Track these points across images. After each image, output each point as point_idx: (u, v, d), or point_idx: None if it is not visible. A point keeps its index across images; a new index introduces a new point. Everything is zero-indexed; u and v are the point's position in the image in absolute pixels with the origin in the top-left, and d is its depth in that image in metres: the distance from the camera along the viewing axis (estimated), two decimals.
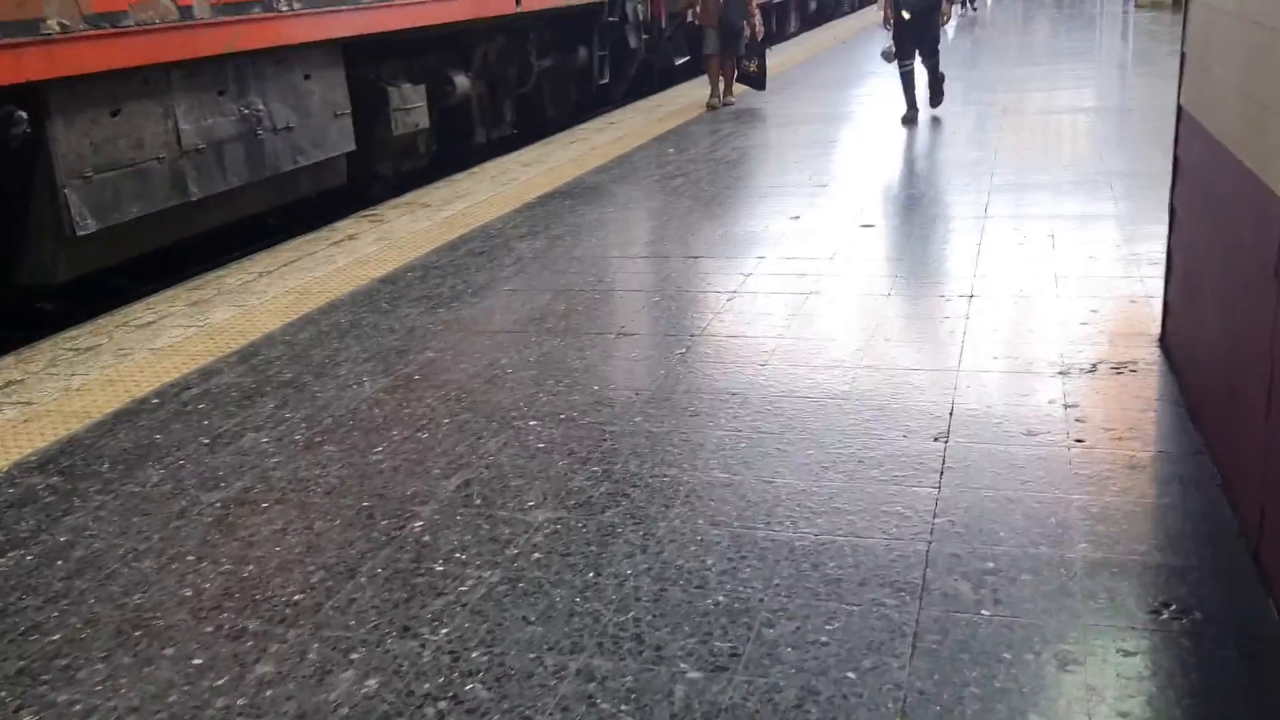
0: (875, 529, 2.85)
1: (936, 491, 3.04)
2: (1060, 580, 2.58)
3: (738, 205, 7.00)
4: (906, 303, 4.87)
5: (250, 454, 3.59)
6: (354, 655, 2.45)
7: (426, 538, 2.96)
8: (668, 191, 7.53)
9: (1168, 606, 2.44)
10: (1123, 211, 6.16)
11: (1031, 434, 3.38)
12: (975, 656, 2.31)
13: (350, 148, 7.60)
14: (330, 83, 7.36)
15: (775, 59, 12.51)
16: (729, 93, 11.47)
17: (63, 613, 2.70)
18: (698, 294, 5.13)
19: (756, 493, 3.10)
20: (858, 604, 2.52)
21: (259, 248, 6.80)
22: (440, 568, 2.80)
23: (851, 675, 2.27)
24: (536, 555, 2.82)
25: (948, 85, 9.93)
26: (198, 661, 2.47)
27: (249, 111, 6.63)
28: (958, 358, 4.08)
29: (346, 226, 6.94)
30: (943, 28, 9.79)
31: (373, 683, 2.35)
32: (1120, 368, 3.88)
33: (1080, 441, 3.30)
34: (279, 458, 3.55)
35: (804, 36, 20.12)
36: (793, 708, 2.18)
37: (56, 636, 2.60)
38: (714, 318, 4.74)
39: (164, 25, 5.98)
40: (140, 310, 5.33)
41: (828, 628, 2.44)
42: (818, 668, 2.30)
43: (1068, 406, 3.57)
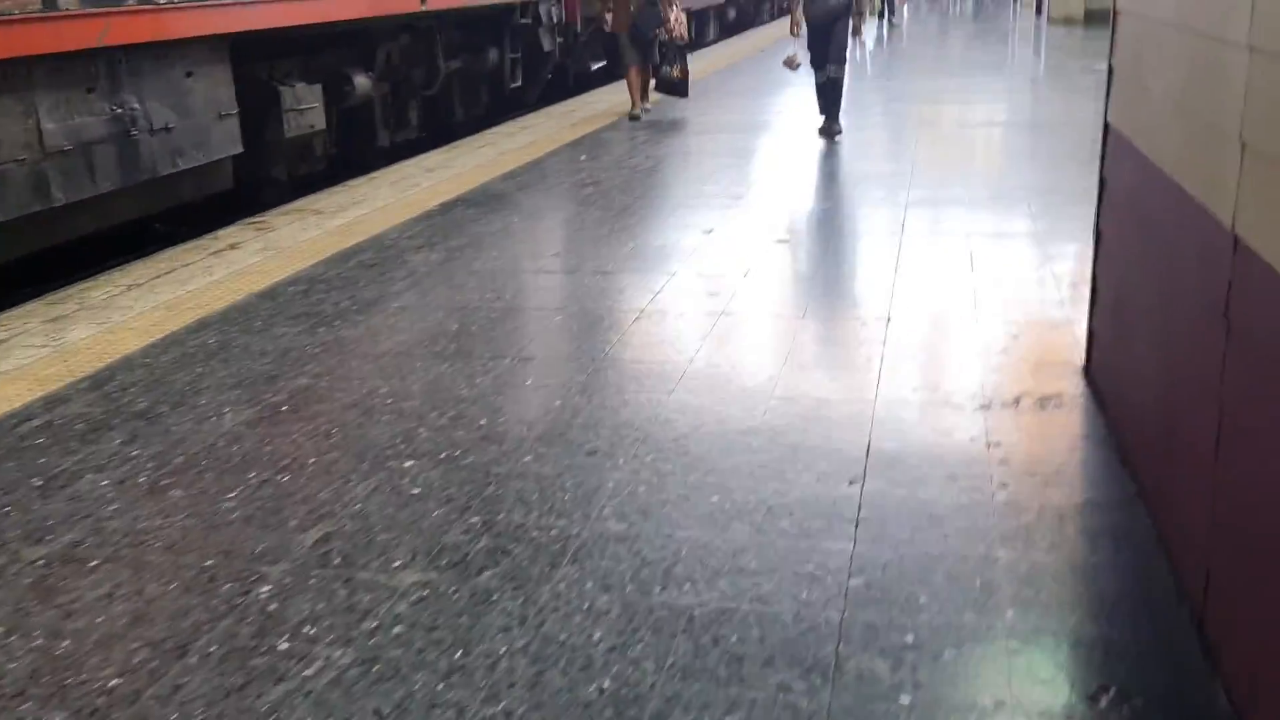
0: (784, 593, 2.55)
1: (851, 546, 2.75)
2: (988, 657, 2.30)
3: (650, 216, 6.69)
4: (821, 325, 4.60)
5: (86, 500, 3.17)
6: None
7: (273, 606, 2.57)
8: (578, 201, 7.20)
9: (1107, 691, 2.17)
10: (1041, 230, 5.98)
11: (953, 478, 3.10)
12: None
13: (237, 150, 7.11)
14: (215, 81, 6.87)
15: (694, 65, 12.25)
16: (646, 99, 11.17)
17: None
18: (603, 313, 4.80)
19: (654, 548, 2.78)
20: (761, 689, 2.20)
21: (135, 256, 6.32)
22: (285, 645, 2.42)
23: None
24: (398, 629, 2.46)
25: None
26: None
27: (122, 111, 6.13)
28: (874, 387, 3.81)
29: (230, 234, 6.47)
30: (857, 38, 9.59)
31: None
32: (1044, 401, 3.64)
33: (1005, 486, 3.04)
34: (118, 504, 3.13)
35: (722, 44, 19.94)
36: None
37: None
38: (619, 340, 4.41)
39: (24, 16, 5.48)
40: None
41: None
42: None
43: (990, 445, 3.31)
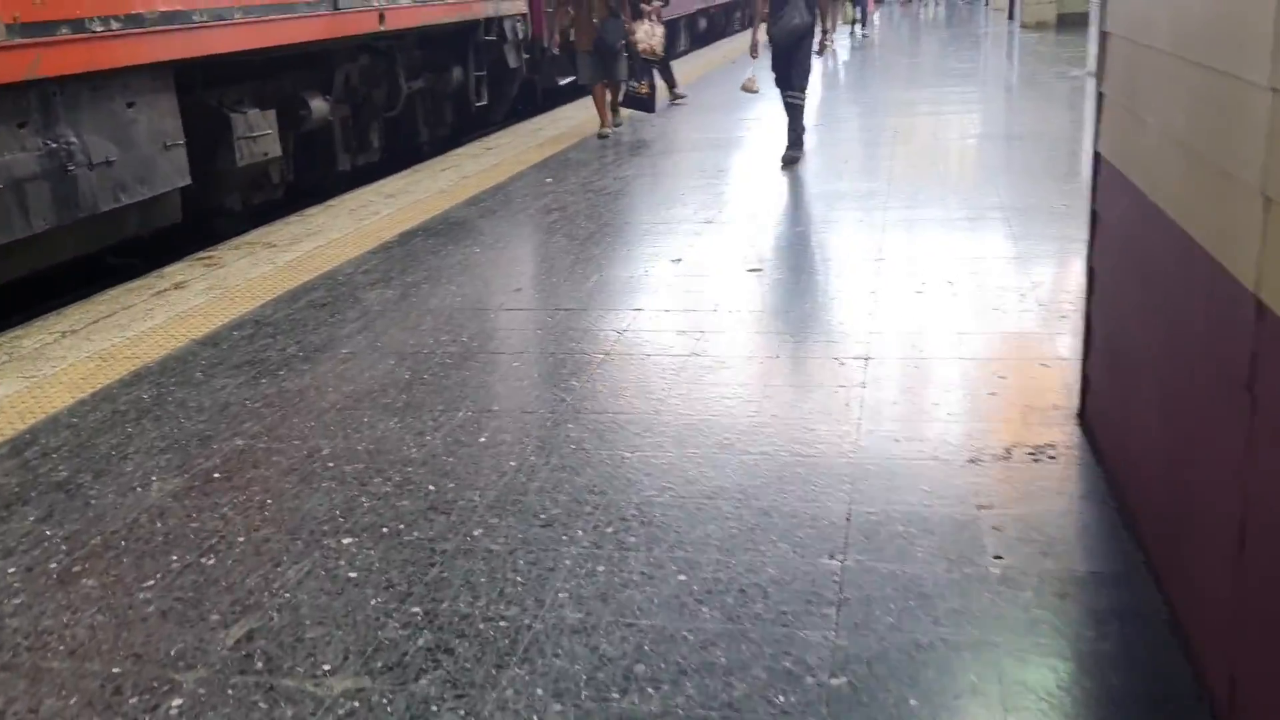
0: (757, 699, 2.27)
1: (833, 636, 2.48)
2: None
3: (616, 245, 6.41)
4: (796, 368, 4.33)
5: None
6: None
7: None
8: (542, 229, 6.92)
9: None
10: (1023, 252, 5.74)
11: (942, 549, 2.84)
12: None
13: (184, 182, 6.78)
14: (159, 111, 6.55)
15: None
16: (615, 116, 10.91)
17: None
18: (564, 356, 4.52)
19: (613, 642, 2.50)
20: None
21: (75, 298, 6.00)
22: None
23: None
24: None
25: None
26: None
27: (58, 145, 5.80)
28: (854, 440, 3.55)
29: (176, 272, 6.16)
30: (824, 54, 9.33)
31: None
32: (1037, 453, 3.38)
33: (999, 559, 2.78)
34: (22, 598, 2.83)
35: (693, 55, 19.72)
36: None
37: None
38: (580, 388, 4.13)
39: None
40: None
41: None
42: None
43: (981, 508, 3.05)
